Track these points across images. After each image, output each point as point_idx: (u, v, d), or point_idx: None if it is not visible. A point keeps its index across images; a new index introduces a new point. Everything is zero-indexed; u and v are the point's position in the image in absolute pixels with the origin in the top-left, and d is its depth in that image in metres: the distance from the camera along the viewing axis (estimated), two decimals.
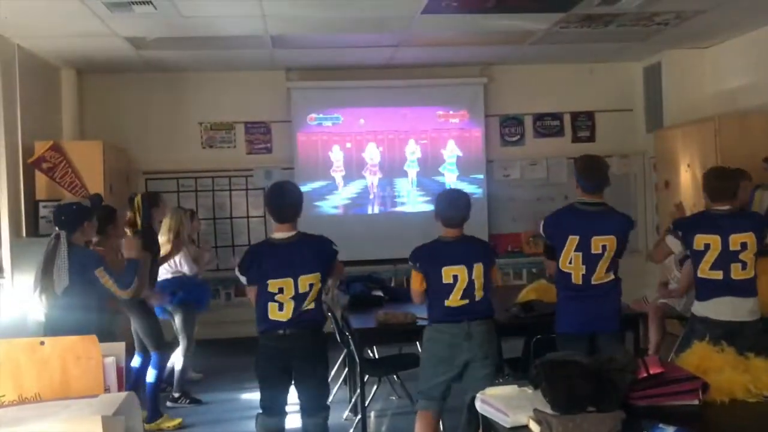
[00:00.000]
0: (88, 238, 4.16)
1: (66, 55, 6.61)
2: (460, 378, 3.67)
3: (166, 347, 5.19)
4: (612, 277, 3.80)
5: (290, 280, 3.55)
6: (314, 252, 3.65)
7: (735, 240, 3.76)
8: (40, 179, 6.21)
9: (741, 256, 3.75)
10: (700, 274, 3.84)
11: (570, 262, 3.75)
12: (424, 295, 3.77)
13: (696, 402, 2.46)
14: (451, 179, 7.83)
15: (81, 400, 1.53)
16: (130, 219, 5.10)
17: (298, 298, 3.57)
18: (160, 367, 5.08)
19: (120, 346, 1.63)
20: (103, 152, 6.49)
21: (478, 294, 3.65)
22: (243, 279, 3.69)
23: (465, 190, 3.99)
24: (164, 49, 6.49)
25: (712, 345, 2.79)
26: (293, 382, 3.68)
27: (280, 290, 3.55)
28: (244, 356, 4.21)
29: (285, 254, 3.60)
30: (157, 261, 5.12)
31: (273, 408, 3.69)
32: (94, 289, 3.84)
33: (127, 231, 5.01)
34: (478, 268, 3.64)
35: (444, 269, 3.62)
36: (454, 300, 3.63)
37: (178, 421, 5.12)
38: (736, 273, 3.76)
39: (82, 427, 1.27)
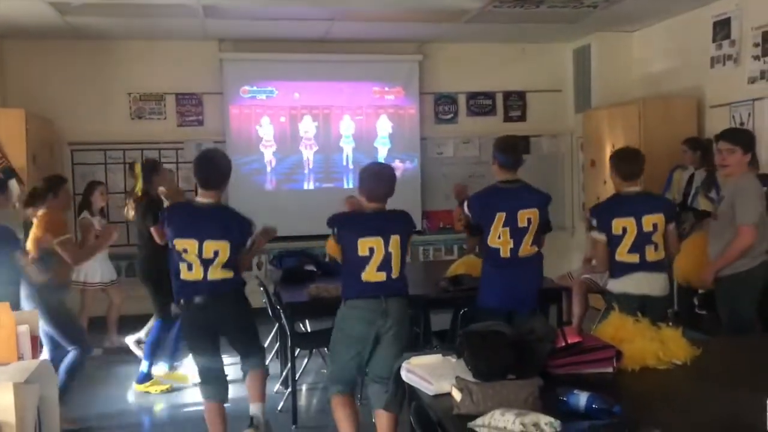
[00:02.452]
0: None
1: None
2: (370, 357, 3.60)
3: (168, 316, 5.22)
4: (536, 250, 4.02)
5: (194, 242, 3.59)
6: (224, 220, 3.69)
7: (648, 221, 3.88)
8: None
9: (653, 238, 3.89)
10: (617, 258, 3.98)
11: (499, 237, 3.92)
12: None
13: (610, 370, 2.58)
14: (383, 153, 7.85)
15: None
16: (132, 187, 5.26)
17: (204, 262, 3.61)
18: (162, 333, 5.27)
19: (33, 314, 1.60)
20: (26, 121, 6.25)
21: (395, 270, 3.56)
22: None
23: (390, 165, 3.94)
24: (91, 16, 6.25)
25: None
26: (227, 339, 3.85)
27: (185, 250, 3.61)
28: None
29: (196, 216, 3.67)
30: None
31: (211, 373, 3.79)
32: (14, 263, 3.81)
33: (127, 201, 5.19)
34: (395, 240, 3.54)
35: (360, 240, 3.51)
36: (370, 273, 3.51)
37: (166, 386, 5.21)
38: (650, 255, 3.89)
39: None
